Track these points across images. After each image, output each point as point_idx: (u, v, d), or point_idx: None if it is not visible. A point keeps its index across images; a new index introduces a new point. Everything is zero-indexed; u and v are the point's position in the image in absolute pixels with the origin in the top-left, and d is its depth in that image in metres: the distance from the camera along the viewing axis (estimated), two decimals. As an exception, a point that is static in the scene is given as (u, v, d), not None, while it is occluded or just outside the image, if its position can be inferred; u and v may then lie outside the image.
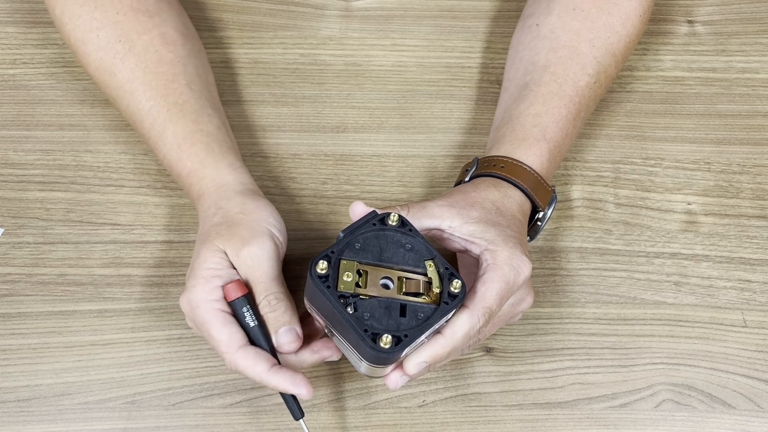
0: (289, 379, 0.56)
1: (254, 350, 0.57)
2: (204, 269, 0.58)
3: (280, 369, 0.57)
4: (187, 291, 0.58)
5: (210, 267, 0.58)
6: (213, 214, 0.62)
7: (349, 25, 0.82)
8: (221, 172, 0.64)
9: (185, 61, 0.69)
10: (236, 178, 0.64)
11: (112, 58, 0.68)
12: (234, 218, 0.60)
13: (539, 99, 0.68)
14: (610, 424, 0.65)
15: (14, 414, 0.63)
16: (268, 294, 0.58)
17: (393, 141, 0.76)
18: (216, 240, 0.59)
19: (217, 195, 0.63)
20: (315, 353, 0.59)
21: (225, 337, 0.57)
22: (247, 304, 0.58)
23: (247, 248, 0.58)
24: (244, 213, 0.61)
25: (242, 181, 0.64)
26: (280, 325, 0.57)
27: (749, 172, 0.76)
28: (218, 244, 0.59)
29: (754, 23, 0.83)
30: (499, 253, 0.57)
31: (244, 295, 0.58)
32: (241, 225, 0.59)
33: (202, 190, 0.64)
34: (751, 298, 0.70)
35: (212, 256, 0.58)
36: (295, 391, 0.56)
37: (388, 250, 0.54)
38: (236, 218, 0.60)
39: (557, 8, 0.72)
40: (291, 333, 0.57)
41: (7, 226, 0.70)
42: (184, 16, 0.74)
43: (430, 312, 0.53)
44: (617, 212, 0.73)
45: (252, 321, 0.57)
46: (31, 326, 0.66)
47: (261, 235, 0.59)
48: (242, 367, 0.56)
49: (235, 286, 0.58)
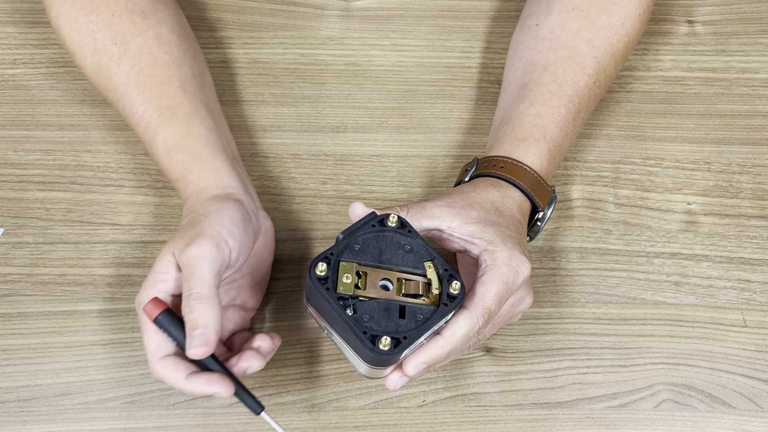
0: (205, 380, 0.54)
1: (174, 359, 0.55)
2: (153, 273, 0.57)
3: (196, 374, 0.55)
4: (140, 290, 0.57)
5: (158, 271, 0.57)
6: (184, 218, 0.61)
7: (349, 25, 0.82)
8: (205, 177, 0.63)
9: (180, 62, 0.69)
10: (218, 183, 0.63)
11: (108, 61, 0.68)
12: (194, 220, 0.59)
13: (539, 99, 0.68)
14: (610, 424, 0.65)
15: (14, 414, 0.63)
16: (190, 293, 0.55)
17: (393, 141, 0.76)
18: (169, 244, 0.58)
19: (194, 200, 0.62)
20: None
21: (152, 345, 0.56)
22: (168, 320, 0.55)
23: (187, 248, 0.56)
24: (205, 215, 0.59)
25: (222, 186, 0.63)
26: (192, 329, 0.54)
27: (749, 172, 0.76)
28: (170, 247, 0.57)
29: (754, 23, 0.83)
30: (498, 253, 0.57)
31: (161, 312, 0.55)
32: (195, 227, 0.58)
33: (187, 195, 0.63)
34: (751, 298, 0.70)
35: (161, 259, 0.57)
36: (212, 390, 0.54)
37: (388, 251, 0.54)
38: (196, 220, 0.59)
39: (557, 8, 0.72)
40: (200, 337, 0.53)
41: (7, 226, 0.70)
42: (181, 15, 0.73)
43: (430, 313, 0.53)
44: (617, 212, 0.73)
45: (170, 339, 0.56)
46: (31, 326, 0.66)
47: (203, 237, 0.56)
48: (162, 376, 0.55)
49: (150, 305, 0.56)
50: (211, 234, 0.56)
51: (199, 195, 0.62)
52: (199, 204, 0.61)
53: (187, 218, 0.60)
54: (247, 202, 0.62)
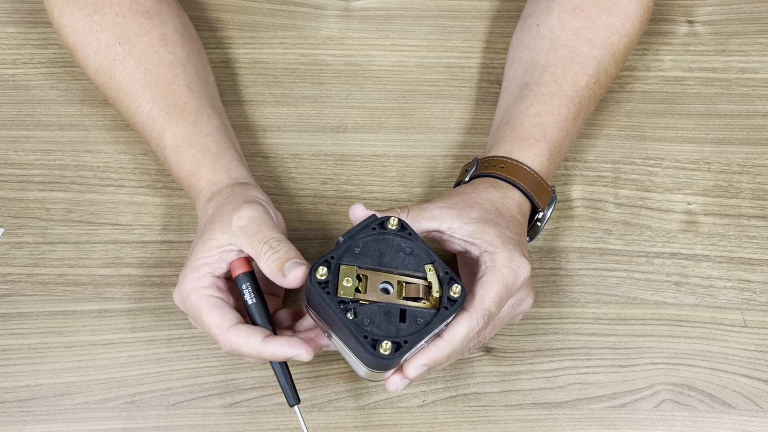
0: (285, 343, 0.55)
1: (246, 326, 0.56)
2: (193, 260, 0.58)
3: (274, 337, 0.56)
4: (178, 284, 0.59)
5: (199, 257, 0.58)
6: (206, 210, 0.62)
7: (349, 25, 0.82)
8: (216, 172, 0.64)
9: (185, 62, 0.69)
10: (230, 175, 0.64)
11: (112, 60, 0.68)
12: (223, 203, 0.60)
13: (539, 99, 0.68)
14: (610, 424, 0.65)
15: (14, 414, 0.63)
16: (268, 239, 0.57)
17: (393, 141, 0.76)
18: (207, 231, 0.59)
19: (210, 192, 0.63)
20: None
21: (216, 319, 0.56)
22: (248, 281, 0.58)
23: (237, 214, 0.58)
24: (232, 195, 0.61)
25: (235, 177, 0.64)
26: (284, 261, 0.56)
27: (749, 172, 0.76)
28: (209, 233, 0.59)
29: (754, 23, 0.83)
30: (498, 255, 0.57)
31: (247, 271, 0.58)
32: (229, 204, 0.59)
33: (199, 191, 0.64)
34: (751, 298, 0.70)
35: (201, 246, 0.59)
36: (293, 353, 0.55)
37: (388, 254, 0.54)
38: (226, 202, 0.60)
39: (557, 8, 0.72)
40: (296, 266, 0.55)
41: (7, 226, 0.70)
42: (184, 16, 0.74)
43: (430, 317, 0.53)
44: (617, 212, 0.73)
45: (251, 299, 0.58)
46: (31, 326, 0.66)
47: (250, 202, 0.59)
48: (236, 344, 0.56)
49: (239, 261, 0.58)
50: (255, 200, 0.59)
51: (213, 188, 0.63)
52: (218, 193, 0.62)
53: (209, 210, 0.61)
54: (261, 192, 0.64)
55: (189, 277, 0.58)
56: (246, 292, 0.58)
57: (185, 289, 0.58)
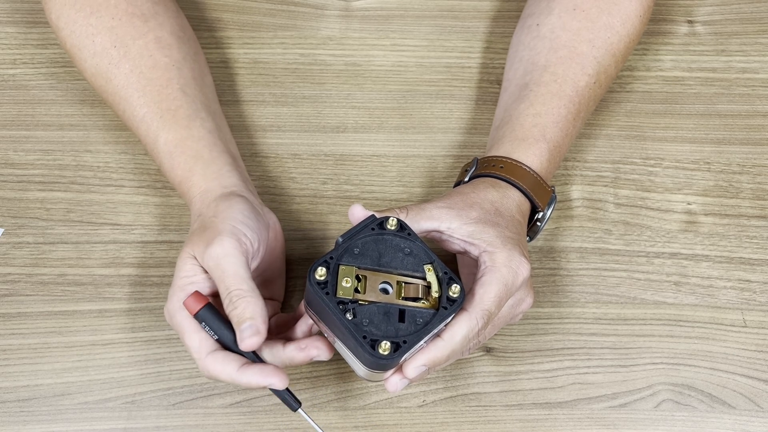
0: (258, 372, 0.55)
1: (223, 353, 0.56)
2: (179, 278, 0.58)
3: (249, 366, 0.56)
4: (167, 300, 0.58)
5: (183, 276, 0.58)
6: (194, 222, 0.62)
7: (349, 25, 0.82)
8: (207, 178, 0.63)
9: (180, 64, 0.69)
10: (220, 183, 0.63)
11: (107, 64, 0.68)
12: (206, 222, 0.60)
13: (539, 99, 0.68)
14: (610, 424, 0.65)
15: (14, 414, 0.63)
16: (229, 292, 0.56)
17: (393, 141, 0.76)
18: (187, 247, 0.58)
19: (200, 203, 0.62)
20: (302, 351, 0.57)
21: (195, 343, 0.56)
22: (205, 318, 0.56)
23: (209, 249, 0.57)
24: (215, 215, 0.60)
25: (225, 185, 0.63)
26: (240, 322, 0.55)
27: (749, 172, 0.75)
28: (189, 250, 0.58)
29: (754, 23, 0.83)
30: (498, 254, 0.57)
31: (202, 307, 0.56)
32: (209, 228, 0.58)
33: (190, 198, 0.63)
34: (751, 298, 0.70)
35: (184, 264, 0.58)
36: (266, 382, 0.55)
37: (387, 254, 0.54)
38: (208, 222, 0.59)
39: (557, 8, 0.72)
40: (250, 329, 0.54)
41: (7, 226, 0.70)
42: (181, 17, 0.73)
43: (429, 317, 0.53)
44: (617, 212, 0.73)
45: (213, 334, 0.56)
46: (31, 326, 0.66)
47: (222, 234, 0.57)
48: (212, 371, 0.56)
49: (192, 299, 0.57)
50: (228, 230, 0.57)
51: (204, 197, 0.62)
52: (206, 207, 0.61)
53: (197, 222, 0.61)
54: (251, 198, 0.63)
55: (174, 297, 0.58)
56: (207, 328, 0.57)
57: (170, 308, 0.58)
